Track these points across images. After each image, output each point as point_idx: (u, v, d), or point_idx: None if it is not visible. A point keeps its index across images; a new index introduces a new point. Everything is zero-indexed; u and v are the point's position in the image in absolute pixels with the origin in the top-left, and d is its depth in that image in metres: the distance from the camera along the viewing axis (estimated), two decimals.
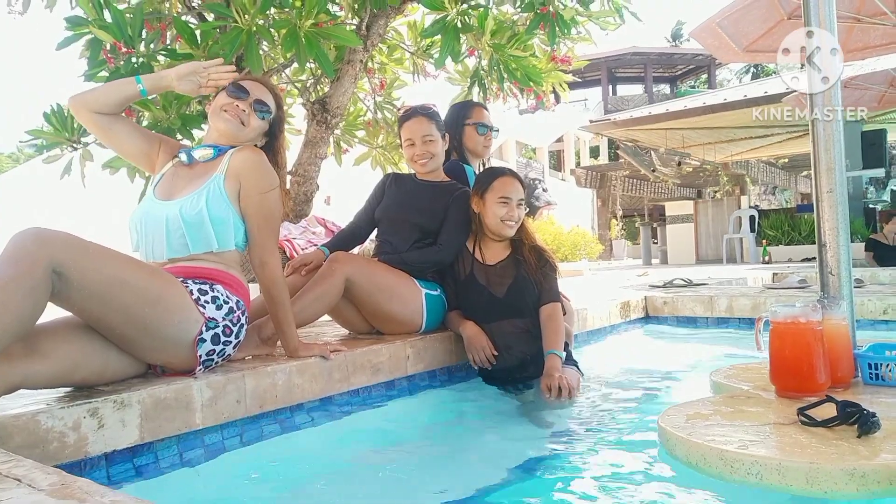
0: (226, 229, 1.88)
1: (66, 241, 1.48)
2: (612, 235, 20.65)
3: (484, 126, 2.86)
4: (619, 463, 1.64)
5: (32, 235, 1.44)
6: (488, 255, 2.48)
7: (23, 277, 1.38)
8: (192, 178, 1.94)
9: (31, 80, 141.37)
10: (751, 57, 6.33)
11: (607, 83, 29.04)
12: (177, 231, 1.82)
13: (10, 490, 0.95)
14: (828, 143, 1.91)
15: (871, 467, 1.16)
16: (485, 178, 2.46)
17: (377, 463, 1.80)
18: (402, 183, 2.67)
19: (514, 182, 2.45)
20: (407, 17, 4.75)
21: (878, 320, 3.31)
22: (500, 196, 2.39)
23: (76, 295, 1.50)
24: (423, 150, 2.55)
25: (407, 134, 2.56)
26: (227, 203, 1.89)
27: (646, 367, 2.78)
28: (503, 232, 2.41)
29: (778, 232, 11.49)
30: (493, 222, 2.40)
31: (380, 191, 2.70)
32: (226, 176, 1.91)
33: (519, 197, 2.43)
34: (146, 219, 1.88)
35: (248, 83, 2.03)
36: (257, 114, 2.00)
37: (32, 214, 11.70)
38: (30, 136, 4.00)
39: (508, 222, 2.39)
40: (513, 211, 2.40)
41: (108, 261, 1.56)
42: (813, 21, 1.93)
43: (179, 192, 1.90)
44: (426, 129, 2.56)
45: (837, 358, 1.72)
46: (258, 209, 1.93)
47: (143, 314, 1.60)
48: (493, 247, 2.48)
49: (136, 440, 1.54)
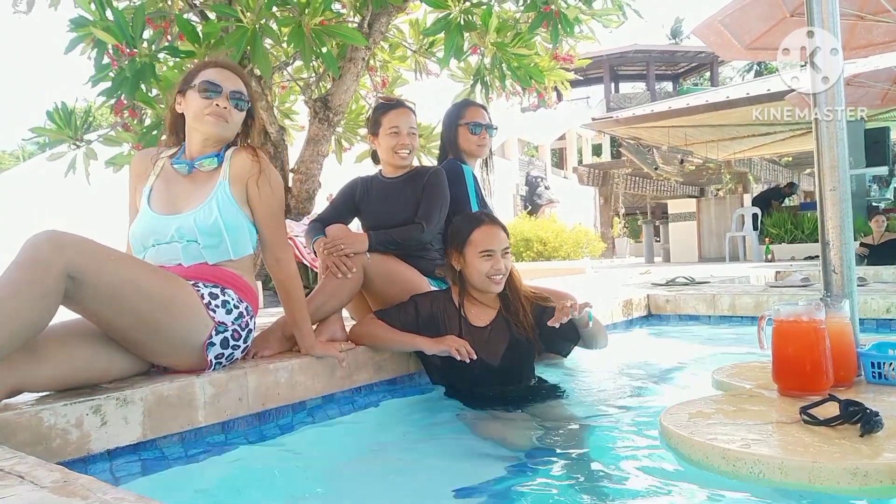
0: (241, 236, 1.88)
1: (81, 246, 1.48)
2: (614, 233, 20.64)
3: (478, 125, 2.82)
4: (621, 461, 1.64)
5: (47, 240, 1.44)
6: (475, 316, 2.20)
7: (36, 283, 1.39)
8: (192, 187, 1.90)
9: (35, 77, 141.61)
10: (753, 54, 6.32)
11: (609, 81, 28.99)
12: (192, 243, 1.81)
13: (13, 487, 0.95)
14: (831, 141, 1.90)
15: (873, 466, 1.16)
16: (460, 230, 2.19)
17: (379, 461, 1.80)
18: (373, 188, 2.60)
19: (495, 229, 2.16)
20: (409, 15, 4.75)
21: (882, 319, 3.30)
22: (481, 250, 2.11)
23: (89, 299, 1.51)
24: (407, 141, 2.51)
25: (393, 122, 2.50)
26: (237, 209, 1.88)
27: (648, 366, 2.77)
28: (490, 289, 2.15)
29: (781, 230, 11.46)
30: (478, 279, 2.13)
31: (350, 199, 2.61)
32: (230, 181, 1.89)
33: (503, 246, 2.15)
34: (153, 235, 1.84)
35: (216, 74, 1.90)
36: (237, 107, 1.91)
37: (34, 212, 11.72)
38: (33, 134, 4.01)
39: (495, 277, 2.12)
40: (498, 263, 2.12)
41: (122, 265, 1.56)
42: (815, 19, 1.93)
43: (185, 204, 1.87)
44: (412, 122, 2.54)
45: (840, 357, 1.72)
46: (266, 208, 1.93)
47: (154, 318, 1.61)
48: (479, 305, 2.21)
49: (138, 437, 1.55)
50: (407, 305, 2.24)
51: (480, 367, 2.13)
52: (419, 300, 2.26)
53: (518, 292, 2.25)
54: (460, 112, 2.84)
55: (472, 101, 3.23)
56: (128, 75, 3.33)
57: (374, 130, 2.56)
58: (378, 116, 2.55)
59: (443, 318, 2.20)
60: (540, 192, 21.02)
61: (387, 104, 2.58)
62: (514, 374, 2.21)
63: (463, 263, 2.17)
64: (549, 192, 21.19)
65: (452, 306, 2.22)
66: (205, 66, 1.95)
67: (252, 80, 4.24)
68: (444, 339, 2.14)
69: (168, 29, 3.77)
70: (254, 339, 2.01)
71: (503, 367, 2.17)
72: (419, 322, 2.20)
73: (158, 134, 3.61)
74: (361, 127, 5.18)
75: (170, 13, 3.90)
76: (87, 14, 3.38)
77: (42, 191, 11.36)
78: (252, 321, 1.89)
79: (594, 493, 1.45)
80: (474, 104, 2.96)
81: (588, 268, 9.30)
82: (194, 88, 1.87)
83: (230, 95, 1.89)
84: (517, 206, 19.68)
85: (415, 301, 2.25)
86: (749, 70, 31.13)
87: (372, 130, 2.58)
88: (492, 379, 2.17)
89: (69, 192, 6.17)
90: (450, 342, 2.11)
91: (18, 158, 25.55)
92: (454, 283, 2.25)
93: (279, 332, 2.14)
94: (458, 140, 2.80)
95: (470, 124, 2.81)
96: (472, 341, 2.14)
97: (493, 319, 2.21)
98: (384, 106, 2.57)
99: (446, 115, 2.88)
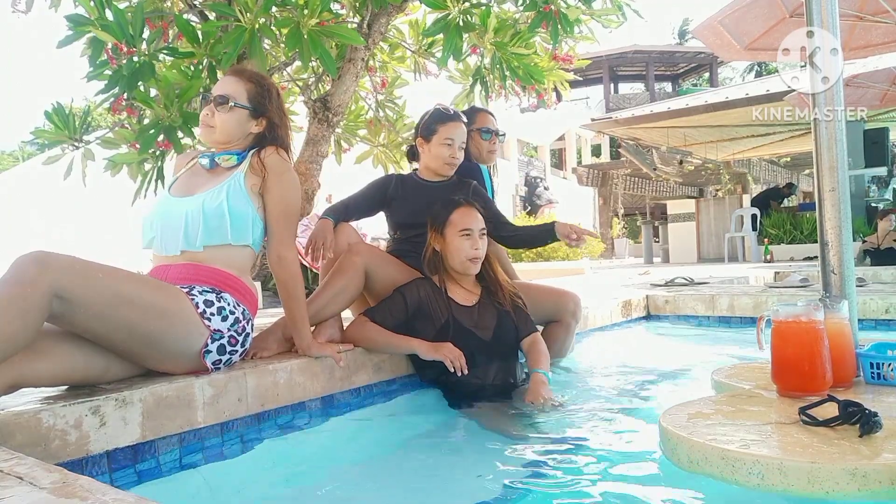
0: (244, 224, 1.89)
1: (67, 265, 1.48)
2: (613, 234, 20.64)
3: (488, 131, 2.87)
4: (620, 462, 1.64)
5: (33, 260, 1.44)
6: (461, 297, 2.29)
7: (18, 299, 1.39)
8: (211, 178, 1.97)
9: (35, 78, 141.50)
10: (752, 55, 6.32)
11: (609, 81, 29.01)
12: (195, 224, 1.84)
13: (11, 488, 0.95)
14: (830, 141, 1.90)
15: (872, 467, 1.16)
16: (440, 213, 2.29)
17: (379, 461, 1.80)
18: (408, 187, 2.60)
19: (472, 211, 2.28)
20: (408, 16, 4.75)
21: (881, 319, 3.30)
22: (460, 229, 2.23)
23: (79, 317, 1.51)
24: (458, 155, 2.54)
25: (449, 134, 2.51)
26: (246, 198, 1.91)
27: (647, 366, 2.78)
28: (468, 269, 2.26)
29: (780, 231, 11.47)
30: (458, 259, 2.24)
31: (382, 193, 2.60)
32: (246, 174, 1.94)
33: (480, 227, 2.27)
34: (164, 216, 1.89)
35: (218, 84, 2.03)
36: (220, 110, 1.95)
37: (29, 213, 11.72)
38: (33, 136, 4.01)
39: (474, 258, 2.24)
40: (476, 243, 2.24)
41: (111, 281, 1.55)
42: (815, 19, 1.93)
43: (199, 189, 1.93)
44: (464, 136, 2.56)
45: (839, 357, 1.72)
46: (278, 203, 1.95)
47: (147, 331, 1.60)
48: (461, 288, 2.31)
49: (137, 438, 1.55)
50: (395, 298, 2.26)
51: (475, 343, 2.20)
52: (405, 290, 2.28)
53: (496, 273, 2.37)
54: (471, 118, 2.86)
55: (480, 107, 3.28)
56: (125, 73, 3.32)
57: (426, 136, 2.55)
58: (433, 124, 2.54)
59: (431, 303, 2.25)
60: (539, 193, 21.03)
61: (445, 114, 2.55)
62: (503, 351, 2.28)
63: (443, 244, 2.27)
64: (548, 193, 21.20)
65: (438, 290, 2.28)
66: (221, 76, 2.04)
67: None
68: (442, 346, 2.16)
69: (167, 29, 3.77)
70: (253, 340, 2.01)
71: (496, 340, 2.25)
72: (409, 311, 2.24)
73: (156, 134, 3.60)
74: (361, 128, 5.18)
75: (168, 13, 3.90)
76: (87, 12, 3.38)
77: (41, 191, 11.35)
78: (249, 324, 1.89)
79: (594, 494, 1.45)
80: (483, 110, 2.99)
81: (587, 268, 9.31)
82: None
83: (214, 101, 1.96)
84: (516, 207, 19.69)
85: (401, 292, 2.27)
86: (750, 71, 31.15)
87: (423, 135, 2.56)
88: (484, 354, 2.22)
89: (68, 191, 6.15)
90: (446, 352, 2.14)
91: (18, 159, 25.52)
92: (434, 272, 2.30)
93: (278, 332, 2.14)
94: (469, 145, 2.83)
95: (481, 130, 2.86)
96: (464, 318, 2.23)
97: (478, 299, 2.32)
98: (443, 116, 2.55)
99: None
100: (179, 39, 3.80)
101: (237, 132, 1.98)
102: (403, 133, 5.10)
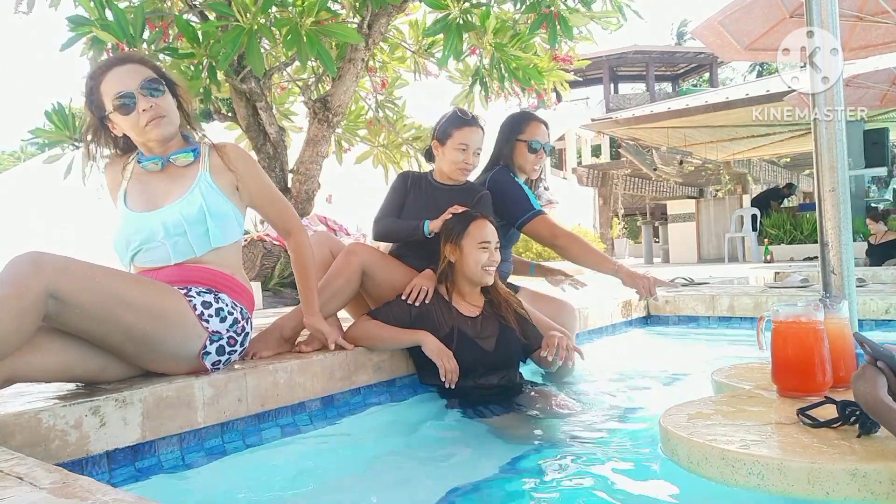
0: (228, 224, 1.85)
1: (62, 266, 1.47)
2: (613, 234, 20.63)
3: (537, 143, 2.72)
4: (620, 462, 1.64)
5: (28, 261, 1.43)
6: (465, 307, 2.30)
7: (13, 299, 1.38)
8: (168, 182, 1.85)
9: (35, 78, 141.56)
10: (752, 55, 6.32)
11: (609, 81, 28.99)
12: (179, 236, 1.77)
13: (11, 489, 0.95)
14: (830, 141, 1.90)
15: (872, 467, 1.16)
16: (457, 224, 2.28)
17: (379, 462, 1.80)
18: (423, 186, 2.57)
19: (489, 225, 2.29)
20: (408, 16, 4.75)
21: (881, 320, 3.30)
22: (479, 242, 2.23)
23: (75, 318, 1.50)
24: (472, 160, 2.50)
25: (464, 139, 2.46)
26: (222, 198, 1.85)
27: (647, 367, 2.78)
28: (484, 280, 2.26)
29: (780, 231, 11.47)
30: (474, 270, 2.23)
31: (403, 188, 2.57)
32: (211, 172, 1.87)
33: (496, 240, 2.28)
34: (138, 233, 1.78)
35: (116, 82, 1.76)
36: (156, 95, 1.78)
37: (28, 213, 11.71)
38: (32, 135, 4.01)
39: (489, 268, 2.24)
40: (493, 256, 2.25)
41: (108, 282, 1.54)
42: (815, 19, 1.93)
43: (165, 199, 1.82)
44: (480, 142, 2.51)
45: (839, 357, 1.72)
46: (262, 189, 1.96)
47: (145, 333, 1.59)
48: (466, 299, 2.31)
49: (137, 438, 1.55)
50: (398, 302, 2.26)
51: (478, 353, 2.21)
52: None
53: (499, 288, 2.37)
54: (520, 126, 2.74)
55: (533, 114, 2.99)
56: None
57: (441, 138, 2.51)
58: (450, 128, 2.50)
59: (435, 311, 2.25)
60: (539, 193, 20.97)
61: (462, 119, 2.50)
62: (505, 362, 2.29)
63: (459, 255, 2.25)
64: (548, 193, 21.01)
65: (442, 299, 2.29)
66: (97, 81, 1.78)
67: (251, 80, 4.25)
68: (445, 353, 2.16)
69: (167, 29, 3.77)
70: (252, 340, 2.01)
71: (498, 353, 2.25)
72: (412, 316, 2.24)
73: None
74: (361, 128, 5.18)
75: (168, 14, 3.90)
76: (87, 13, 3.38)
77: (42, 190, 11.35)
78: (248, 323, 1.88)
79: (594, 494, 1.45)
80: (537, 118, 2.80)
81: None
82: (113, 113, 1.77)
83: (144, 92, 1.75)
84: None
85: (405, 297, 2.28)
86: (751, 71, 31.16)
87: (439, 137, 2.52)
88: (486, 365, 2.23)
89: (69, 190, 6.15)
90: (445, 360, 2.14)
91: (19, 159, 25.53)
92: (442, 282, 2.30)
93: (277, 333, 2.14)
94: (514, 154, 2.72)
95: (530, 142, 2.71)
96: (468, 328, 2.24)
97: (482, 310, 2.32)
98: (459, 120, 2.50)
99: (505, 124, 2.79)
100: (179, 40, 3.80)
101: (177, 115, 1.85)
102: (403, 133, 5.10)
